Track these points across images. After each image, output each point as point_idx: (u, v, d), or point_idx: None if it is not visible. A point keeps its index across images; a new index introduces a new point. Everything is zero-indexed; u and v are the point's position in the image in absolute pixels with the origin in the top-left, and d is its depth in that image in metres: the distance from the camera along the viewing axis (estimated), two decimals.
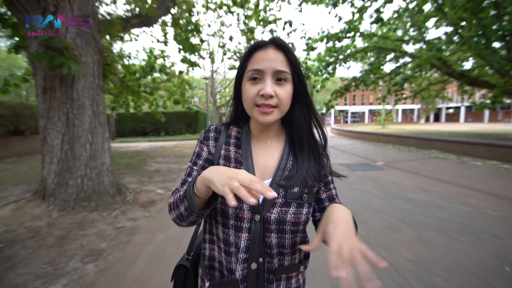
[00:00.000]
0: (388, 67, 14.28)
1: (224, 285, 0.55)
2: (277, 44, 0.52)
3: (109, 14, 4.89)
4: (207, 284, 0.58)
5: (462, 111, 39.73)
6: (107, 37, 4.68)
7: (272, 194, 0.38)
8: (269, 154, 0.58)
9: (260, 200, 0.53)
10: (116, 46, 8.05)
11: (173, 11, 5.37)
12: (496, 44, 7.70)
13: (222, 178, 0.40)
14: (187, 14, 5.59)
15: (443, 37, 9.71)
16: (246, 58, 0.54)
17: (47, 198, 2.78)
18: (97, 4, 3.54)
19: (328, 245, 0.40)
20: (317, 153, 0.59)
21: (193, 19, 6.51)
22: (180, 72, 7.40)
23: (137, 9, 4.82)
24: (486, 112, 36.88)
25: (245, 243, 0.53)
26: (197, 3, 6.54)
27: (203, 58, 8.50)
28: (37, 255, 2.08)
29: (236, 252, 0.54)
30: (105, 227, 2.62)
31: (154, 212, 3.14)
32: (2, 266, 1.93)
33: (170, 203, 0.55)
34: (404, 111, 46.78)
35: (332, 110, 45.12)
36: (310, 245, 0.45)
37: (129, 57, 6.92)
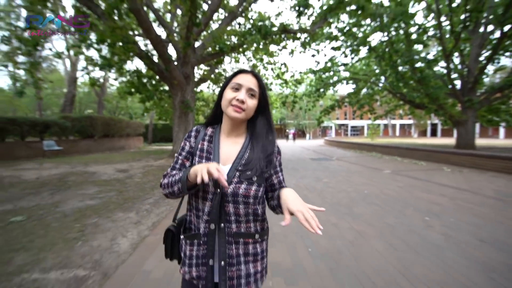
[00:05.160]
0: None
1: (192, 237, 0.79)
2: (254, 74, 0.81)
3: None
4: (182, 236, 0.84)
5: None
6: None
7: (224, 183, 0.65)
8: (232, 147, 0.82)
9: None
10: None
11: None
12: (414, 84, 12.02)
13: (201, 167, 0.66)
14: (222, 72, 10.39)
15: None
16: (233, 76, 0.81)
17: None
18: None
19: (295, 215, 0.64)
20: (268, 150, 0.81)
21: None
22: (214, 101, 12.19)
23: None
24: (477, 129, 40.03)
25: (208, 209, 0.75)
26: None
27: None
28: None
29: (202, 215, 0.76)
30: None
31: None
32: None
33: (164, 183, 0.79)
34: (402, 126, 50.20)
35: (332, 125, 48.30)
36: (285, 221, 0.63)
37: None
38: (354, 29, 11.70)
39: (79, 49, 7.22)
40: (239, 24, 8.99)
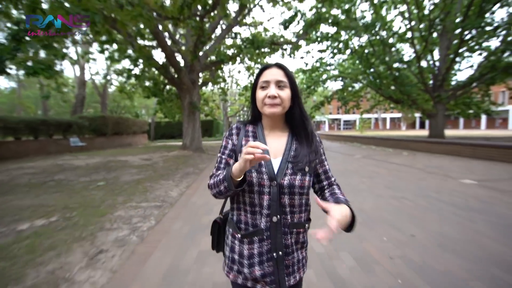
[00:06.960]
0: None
1: (253, 234, 0.77)
2: (278, 65, 0.81)
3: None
4: (238, 236, 0.79)
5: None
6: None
7: (264, 148, 0.62)
8: (278, 141, 0.82)
9: (276, 171, 0.76)
10: None
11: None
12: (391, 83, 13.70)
13: (242, 158, 0.66)
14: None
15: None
16: (258, 75, 0.81)
17: (186, 149, 8.92)
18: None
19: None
20: (310, 138, 0.82)
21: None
22: (213, 100, 13.68)
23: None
24: (461, 121, 42.47)
25: (267, 202, 0.74)
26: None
27: (225, 94, 14.63)
28: (196, 158, 8.17)
29: (260, 210, 0.75)
30: (206, 156, 8.70)
31: None
32: (196, 159, 8.02)
33: (210, 184, 0.78)
34: (392, 119, 52.33)
35: (326, 119, 50.02)
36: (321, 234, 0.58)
37: None
38: (341, 32, 13.24)
39: (89, 56, 8.66)
40: (235, 33, 10.46)
